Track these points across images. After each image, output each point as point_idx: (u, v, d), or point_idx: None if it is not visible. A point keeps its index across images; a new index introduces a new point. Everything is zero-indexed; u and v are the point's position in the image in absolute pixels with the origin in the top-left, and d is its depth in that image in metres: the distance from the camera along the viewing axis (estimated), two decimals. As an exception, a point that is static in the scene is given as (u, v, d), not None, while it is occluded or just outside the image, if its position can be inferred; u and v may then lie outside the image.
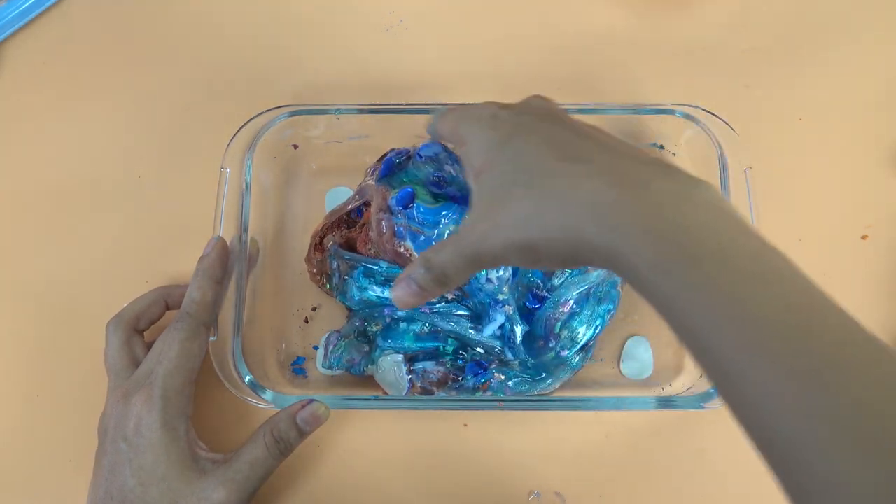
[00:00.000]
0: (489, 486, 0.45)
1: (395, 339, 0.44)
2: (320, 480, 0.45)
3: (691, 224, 0.27)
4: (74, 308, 0.49)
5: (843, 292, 0.48)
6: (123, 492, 0.38)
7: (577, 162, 0.30)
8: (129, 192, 0.51)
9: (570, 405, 0.43)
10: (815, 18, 0.56)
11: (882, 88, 0.53)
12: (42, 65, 0.55)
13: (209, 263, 0.42)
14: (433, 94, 0.53)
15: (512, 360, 0.44)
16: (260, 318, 0.47)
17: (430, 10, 0.56)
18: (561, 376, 0.44)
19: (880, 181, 0.51)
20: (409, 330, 0.44)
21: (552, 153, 0.31)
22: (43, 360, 0.48)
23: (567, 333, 0.44)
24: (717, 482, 0.45)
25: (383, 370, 0.43)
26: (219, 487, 0.38)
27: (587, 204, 0.29)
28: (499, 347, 0.44)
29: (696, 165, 0.49)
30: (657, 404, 0.41)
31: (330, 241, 0.47)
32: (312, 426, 0.41)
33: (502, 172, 0.32)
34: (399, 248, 0.42)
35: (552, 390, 0.44)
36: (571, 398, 0.45)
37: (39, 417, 0.47)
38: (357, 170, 0.50)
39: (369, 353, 0.44)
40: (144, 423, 0.38)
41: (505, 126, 0.33)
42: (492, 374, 0.43)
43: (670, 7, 0.56)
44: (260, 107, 0.47)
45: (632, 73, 0.54)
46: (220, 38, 0.56)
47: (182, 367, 0.39)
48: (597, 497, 0.44)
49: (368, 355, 0.44)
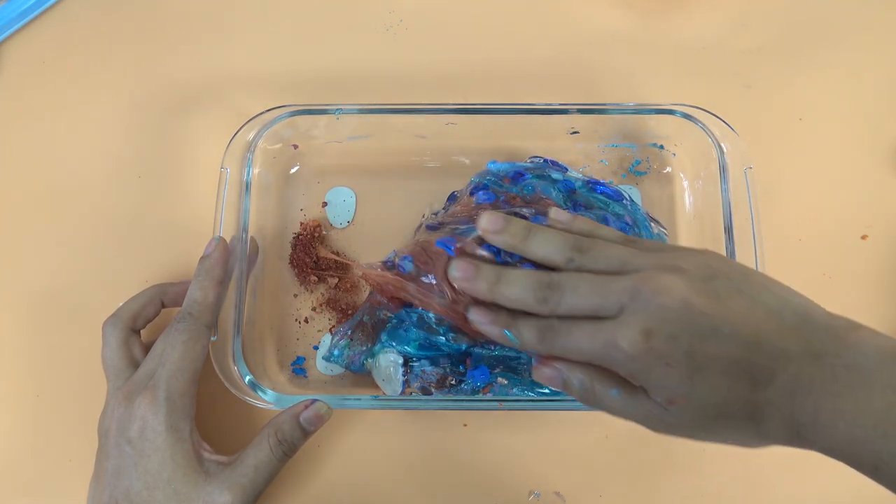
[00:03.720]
0: (489, 486, 0.45)
1: (400, 341, 0.44)
2: (321, 480, 0.45)
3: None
4: (74, 308, 0.49)
5: (843, 292, 0.49)
6: (129, 495, 0.37)
7: (762, 386, 0.32)
8: (129, 192, 0.51)
9: (570, 405, 0.42)
10: (815, 18, 0.56)
11: (882, 88, 0.53)
12: (42, 65, 0.55)
13: (210, 264, 0.42)
14: (433, 94, 0.53)
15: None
16: (260, 318, 0.47)
17: (430, 10, 0.56)
18: None
19: (880, 181, 0.51)
20: (415, 338, 0.44)
21: (735, 391, 0.32)
22: (43, 360, 0.48)
23: None
24: (717, 482, 0.45)
25: (380, 366, 0.43)
26: (224, 491, 0.38)
27: (792, 437, 0.32)
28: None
29: (696, 165, 0.49)
30: (657, 404, 0.41)
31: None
32: (316, 426, 0.41)
33: (693, 410, 0.33)
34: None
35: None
36: (571, 398, 0.44)
37: (39, 417, 0.47)
38: (357, 170, 0.50)
39: (371, 347, 0.44)
40: (149, 426, 0.38)
41: (676, 362, 0.32)
42: (495, 377, 0.43)
43: (670, 7, 0.56)
44: (260, 107, 0.47)
45: (632, 73, 0.54)
46: (221, 38, 0.56)
47: (185, 368, 0.39)
48: (597, 497, 0.45)
49: (371, 349, 0.44)
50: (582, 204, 0.45)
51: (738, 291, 0.33)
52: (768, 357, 0.32)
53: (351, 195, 0.51)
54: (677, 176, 0.51)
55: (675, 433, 0.34)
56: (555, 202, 0.44)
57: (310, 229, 0.49)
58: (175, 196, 0.51)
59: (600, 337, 0.33)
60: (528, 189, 0.45)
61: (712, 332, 0.32)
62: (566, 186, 0.46)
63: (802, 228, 0.50)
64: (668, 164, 0.51)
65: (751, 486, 0.45)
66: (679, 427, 0.34)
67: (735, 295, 0.33)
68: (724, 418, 0.32)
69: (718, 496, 0.45)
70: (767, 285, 0.34)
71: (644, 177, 0.51)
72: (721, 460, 0.45)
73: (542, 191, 0.45)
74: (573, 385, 0.35)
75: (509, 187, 0.45)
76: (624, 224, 0.44)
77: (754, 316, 0.32)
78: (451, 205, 0.48)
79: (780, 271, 0.46)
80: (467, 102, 0.47)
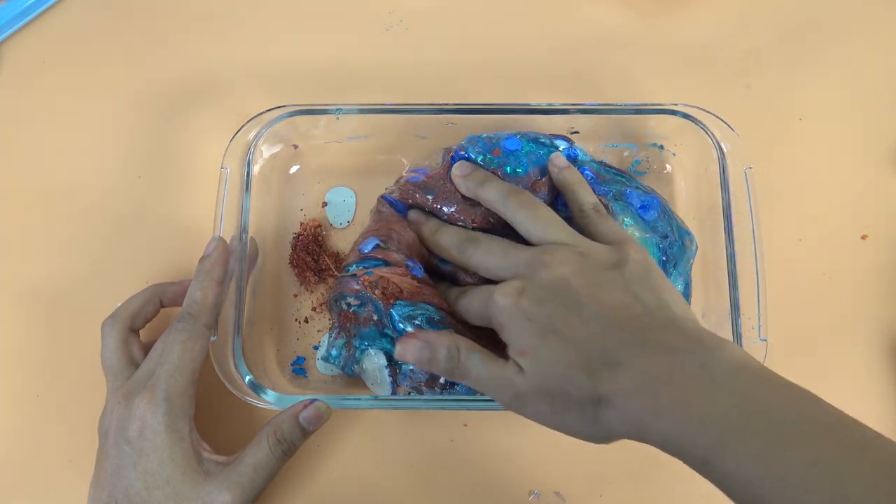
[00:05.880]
0: (489, 486, 0.45)
1: (372, 340, 0.43)
2: (321, 480, 0.45)
3: (754, 400, 0.30)
4: (74, 308, 0.49)
5: (843, 292, 0.49)
6: (128, 495, 0.37)
7: (608, 369, 0.33)
8: (129, 192, 0.51)
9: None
10: (815, 18, 0.56)
11: (882, 88, 0.53)
12: (42, 65, 0.55)
13: (210, 264, 0.42)
14: (433, 94, 0.53)
15: None
16: (260, 318, 0.47)
17: (430, 10, 0.56)
18: None
19: (880, 181, 0.51)
20: (383, 335, 0.43)
21: (581, 366, 0.34)
22: (43, 360, 0.48)
23: None
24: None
25: (366, 370, 0.43)
26: (223, 491, 0.38)
27: (630, 426, 0.33)
28: None
29: (696, 165, 0.49)
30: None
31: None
32: (315, 426, 0.41)
33: (540, 371, 0.35)
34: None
35: None
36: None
37: (39, 417, 0.47)
38: (357, 170, 0.50)
39: (353, 355, 0.44)
40: (148, 426, 0.38)
41: (536, 318, 0.36)
42: None
43: (670, 7, 0.56)
44: (260, 107, 0.47)
45: (632, 73, 0.54)
46: (220, 38, 0.56)
47: (184, 368, 0.39)
48: (597, 497, 0.45)
49: (353, 356, 0.44)
50: (596, 175, 0.46)
51: (625, 285, 0.36)
52: (622, 345, 0.34)
53: (351, 195, 0.51)
54: (677, 176, 0.51)
55: (522, 406, 0.36)
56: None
57: (310, 229, 0.49)
58: (175, 196, 0.51)
59: (486, 293, 0.39)
60: (523, 165, 0.45)
61: (576, 307, 0.35)
62: (570, 154, 0.46)
63: (802, 228, 0.50)
64: (667, 164, 0.51)
65: (751, 486, 0.45)
66: (525, 397, 0.35)
67: (618, 288, 0.36)
68: (565, 396, 0.34)
69: (718, 496, 0.45)
70: (658, 288, 0.36)
71: (644, 177, 0.51)
72: (721, 460, 0.45)
73: (537, 162, 0.45)
74: (440, 355, 0.38)
75: (498, 160, 0.45)
76: (646, 199, 0.45)
77: (625, 308, 0.35)
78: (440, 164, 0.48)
79: (779, 271, 0.46)
80: (467, 102, 0.47)
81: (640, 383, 0.32)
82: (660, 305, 0.35)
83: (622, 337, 0.34)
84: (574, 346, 0.34)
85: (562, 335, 0.35)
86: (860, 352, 0.47)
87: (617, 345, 0.34)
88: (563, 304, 0.35)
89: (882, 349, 0.47)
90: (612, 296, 0.35)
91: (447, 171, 0.46)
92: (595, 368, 0.33)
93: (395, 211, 0.47)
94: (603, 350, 0.34)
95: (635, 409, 0.32)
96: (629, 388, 0.32)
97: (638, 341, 0.34)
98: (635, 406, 0.32)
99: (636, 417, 0.32)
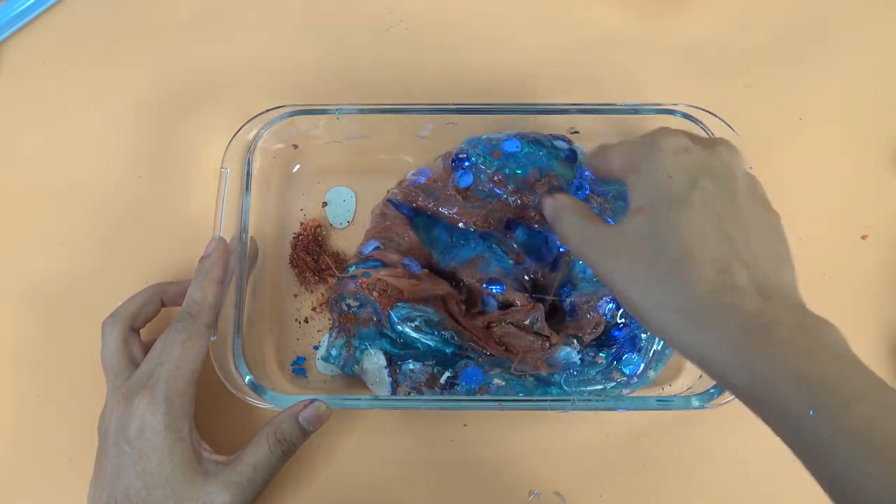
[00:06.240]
0: (489, 486, 0.45)
1: (372, 340, 0.44)
2: (321, 480, 0.45)
3: (830, 370, 0.29)
4: (74, 308, 0.49)
5: (843, 292, 0.49)
6: (128, 495, 0.37)
7: (725, 273, 0.31)
8: (129, 192, 0.51)
9: (569, 406, 0.42)
10: (815, 18, 0.56)
11: (882, 88, 0.53)
12: (42, 65, 0.55)
13: (210, 264, 0.42)
14: (433, 94, 0.53)
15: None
16: (260, 318, 0.47)
17: (430, 10, 0.56)
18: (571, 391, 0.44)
19: (880, 181, 0.51)
20: (383, 335, 0.44)
21: (706, 251, 0.32)
22: (43, 360, 0.48)
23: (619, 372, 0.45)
24: (716, 482, 0.45)
25: (366, 370, 0.43)
26: (223, 491, 0.38)
27: (725, 338, 0.30)
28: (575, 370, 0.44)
29: (696, 165, 0.49)
30: (657, 404, 0.41)
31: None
32: (315, 426, 0.41)
33: (656, 234, 0.33)
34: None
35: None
36: (569, 399, 0.44)
37: (39, 417, 0.47)
38: (357, 170, 0.50)
39: (353, 355, 0.44)
40: (148, 426, 0.38)
41: (680, 181, 0.33)
42: (490, 379, 0.43)
43: (670, 7, 0.56)
44: (260, 107, 0.47)
45: (632, 73, 0.54)
46: (220, 37, 0.56)
47: (184, 368, 0.39)
48: (597, 497, 0.45)
49: (353, 356, 0.44)
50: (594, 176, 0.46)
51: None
52: (744, 265, 0.32)
53: (351, 195, 0.51)
54: (677, 176, 0.51)
55: (600, 260, 0.35)
56: (556, 175, 0.45)
57: (310, 229, 0.49)
58: (175, 196, 0.51)
59: (642, 141, 0.36)
60: (523, 167, 0.45)
61: (729, 203, 0.33)
62: (569, 155, 0.46)
63: (802, 228, 0.50)
64: (668, 164, 0.51)
65: (751, 487, 0.45)
66: (610, 253, 0.34)
67: (765, 213, 0.35)
68: (664, 264, 0.32)
69: (718, 496, 0.45)
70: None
71: (644, 177, 0.51)
72: (721, 460, 0.45)
73: (537, 163, 0.45)
74: (559, 202, 0.38)
75: (498, 162, 0.45)
76: None
77: (764, 237, 0.34)
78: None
79: (780, 271, 0.46)
80: (467, 102, 0.47)
81: (752, 312, 0.30)
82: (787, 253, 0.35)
83: (746, 252, 0.32)
84: (705, 227, 0.32)
85: (694, 212, 0.32)
86: (860, 352, 0.47)
87: (742, 263, 0.32)
88: (717, 187, 0.33)
89: (882, 349, 0.47)
90: (760, 217, 0.35)
91: (448, 175, 0.47)
92: (714, 267, 0.31)
93: (399, 213, 0.47)
94: (732, 253, 0.32)
95: (742, 313, 0.30)
96: (733, 298, 0.31)
97: (760, 274, 0.32)
98: (740, 314, 0.30)
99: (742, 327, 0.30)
